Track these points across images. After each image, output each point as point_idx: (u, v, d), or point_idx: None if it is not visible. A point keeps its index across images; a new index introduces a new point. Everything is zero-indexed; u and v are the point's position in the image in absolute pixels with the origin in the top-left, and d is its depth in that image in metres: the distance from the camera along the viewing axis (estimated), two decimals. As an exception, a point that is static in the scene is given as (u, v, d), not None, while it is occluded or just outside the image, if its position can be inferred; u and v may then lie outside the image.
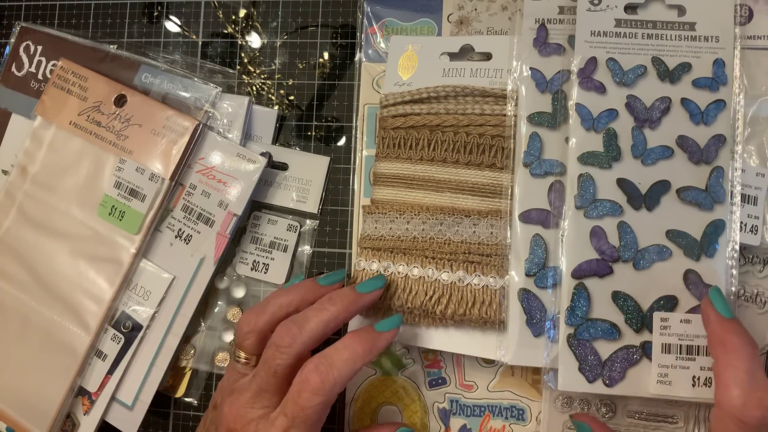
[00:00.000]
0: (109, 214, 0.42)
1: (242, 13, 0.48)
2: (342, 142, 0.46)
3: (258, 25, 0.48)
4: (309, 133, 0.47)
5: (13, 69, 0.48)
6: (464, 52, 0.44)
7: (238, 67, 0.48)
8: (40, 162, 0.45)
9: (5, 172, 0.48)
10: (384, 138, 0.43)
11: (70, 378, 0.42)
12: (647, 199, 0.38)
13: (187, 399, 0.46)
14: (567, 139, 0.40)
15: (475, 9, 0.45)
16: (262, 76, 0.48)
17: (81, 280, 0.43)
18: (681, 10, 0.40)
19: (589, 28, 0.40)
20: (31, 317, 0.43)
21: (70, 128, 0.44)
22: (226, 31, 0.48)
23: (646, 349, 0.37)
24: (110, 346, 0.43)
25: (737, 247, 0.38)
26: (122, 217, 0.42)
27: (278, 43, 0.48)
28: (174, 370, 0.46)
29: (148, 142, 0.43)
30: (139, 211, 0.42)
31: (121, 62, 0.47)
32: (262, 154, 0.44)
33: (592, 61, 0.40)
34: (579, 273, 0.38)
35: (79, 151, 0.44)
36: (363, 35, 0.46)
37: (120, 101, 0.44)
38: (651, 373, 0.37)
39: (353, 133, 0.46)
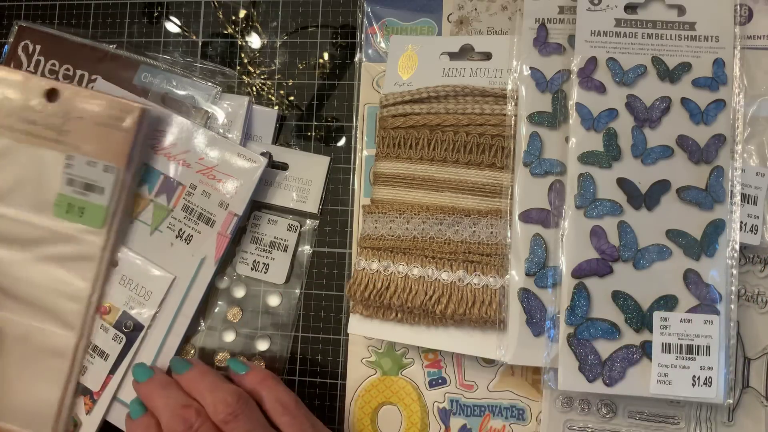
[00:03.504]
0: (67, 212, 0.41)
1: (242, 13, 0.48)
2: (342, 142, 0.46)
3: (258, 25, 0.48)
4: (309, 133, 0.47)
5: (12, 68, 0.48)
6: (464, 52, 0.44)
7: (238, 67, 0.48)
8: None
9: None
10: (384, 138, 0.43)
11: (62, 378, 0.42)
12: (647, 198, 0.38)
13: (187, 399, 0.46)
14: (567, 139, 0.40)
15: (475, 9, 0.45)
16: (262, 76, 0.48)
17: (52, 282, 0.42)
18: (681, 9, 0.40)
19: (589, 28, 0.40)
20: (5, 329, 0.43)
21: (3, 132, 0.42)
22: (226, 31, 0.48)
23: (646, 349, 0.37)
24: (112, 346, 0.43)
25: (737, 247, 0.38)
26: (82, 213, 0.41)
27: (278, 44, 0.48)
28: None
29: (93, 133, 0.41)
30: (100, 203, 0.41)
31: (121, 62, 0.47)
32: (263, 154, 0.44)
33: (592, 61, 0.40)
34: (579, 272, 0.38)
35: (15, 155, 0.42)
36: (363, 35, 0.46)
37: (51, 96, 0.42)
38: (651, 372, 0.37)
39: (353, 133, 0.46)
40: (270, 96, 0.47)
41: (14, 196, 0.42)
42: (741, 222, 0.38)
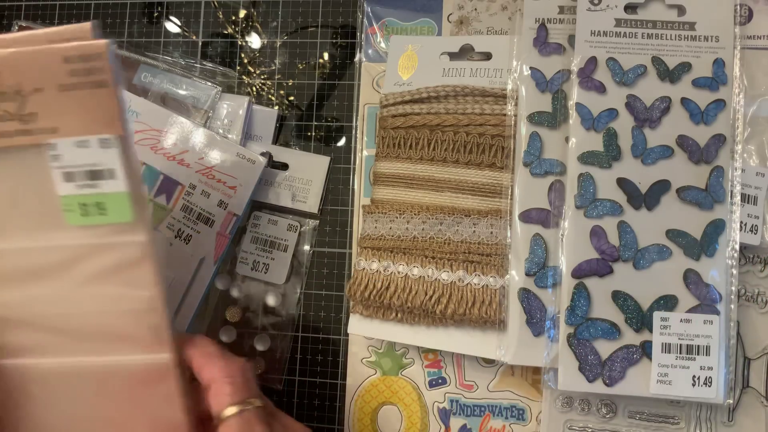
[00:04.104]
0: (83, 215, 0.31)
1: (242, 13, 0.48)
2: (342, 142, 0.46)
3: (258, 26, 0.48)
4: (309, 133, 0.47)
5: (13, 69, 0.48)
6: (464, 52, 0.44)
7: (238, 67, 0.48)
8: None
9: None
10: (384, 138, 0.43)
11: (176, 400, 0.33)
12: (647, 198, 0.38)
13: (186, 399, 0.46)
14: (567, 139, 0.40)
15: (475, 9, 0.45)
16: (262, 77, 0.48)
17: (106, 304, 0.32)
18: (681, 9, 0.40)
19: (589, 28, 0.40)
20: (83, 375, 0.33)
21: None
22: (226, 32, 0.48)
23: (646, 349, 0.37)
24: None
25: (737, 247, 0.38)
26: (103, 209, 0.31)
27: (278, 44, 0.48)
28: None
29: (65, 104, 0.29)
30: (119, 190, 0.30)
31: (121, 62, 0.47)
32: (262, 154, 0.44)
33: (592, 61, 0.40)
34: (579, 272, 0.38)
35: None
36: (363, 35, 0.46)
37: None
38: (651, 372, 0.37)
39: (353, 133, 0.46)
40: (270, 96, 0.47)
41: (17, 221, 0.31)
42: (741, 222, 0.38)
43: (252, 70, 0.48)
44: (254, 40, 0.48)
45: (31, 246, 0.31)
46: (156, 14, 0.49)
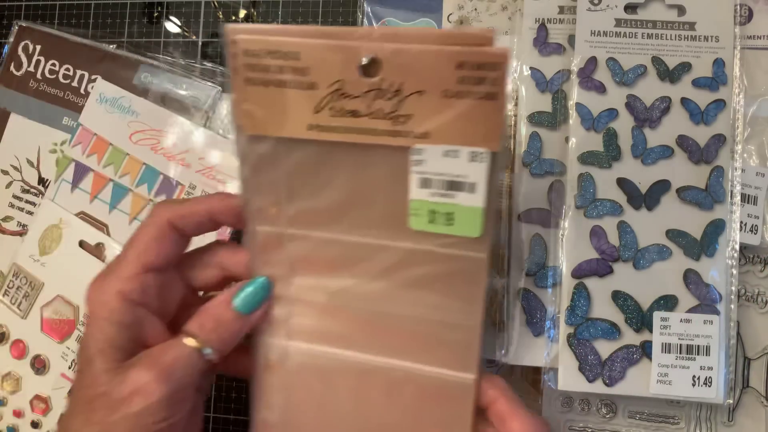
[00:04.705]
0: (430, 222, 0.30)
1: (242, 13, 0.48)
2: (342, 141, 0.46)
3: (258, 25, 0.48)
4: (309, 133, 0.47)
5: (12, 68, 0.48)
6: (464, 52, 0.44)
7: (238, 67, 0.48)
8: (289, 193, 0.31)
9: (4, 173, 0.48)
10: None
11: (466, 428, 0.31)
12: (647, 198, 0.38)
13: (186, 399, 0.46)
14: (567, 139, 0.40)
15: (475, 9, 0.45)
16: (262, 76, 0.48)
17: (425, 311, 0.31)
18: (681, 9, 0.40)
19: (589, 28, 0.40)
20: (376, 374, 0.32)
21: (313, 134, 0.29)
22: (225, 31, 0.48)
23: (646, 349, 0.37)
24: (110, 346, 0.43)
25: (737, 247, 0.38)
26: (451, 220, 0.30)
27: (278, 43, 0.48)
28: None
29: (443, 111, 0.28)
30: (474, 205, 0.29)
31: (121, 62, 0.47)
32: (262, 154, 0.44)
33: (592, 61, 0.40)
34: (579, 272, 0.38)
35: (340, 163, 0.30)
36: (363, 35, 0.46)
37: (370, 69, 0.27)
38: (651, 372, 0.37)
39: (353, 132, 0.46)
40: (270, 96, 0.47)
41: (352, 215, 0.31)
42: (741, 222, 0.38)
43: (252, 70, 0.48)
44: (254, 40, 0.48)
45: (373, 243, 0.31)
46: (156, 14, 0.49)
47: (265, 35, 0.27)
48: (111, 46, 0.47)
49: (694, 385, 0.36)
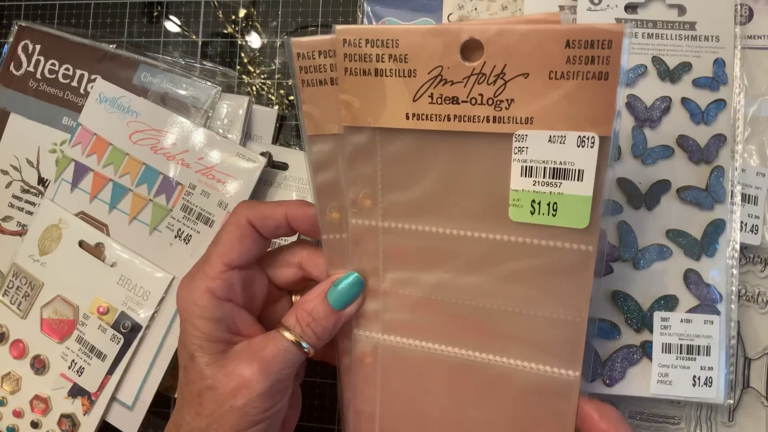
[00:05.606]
0: (533, 213, 0.28)
1: (242, 13, 0.48)
2: (342, 141, 0.46)
3: (258, 25, 0.48)
4: (309, 133, 0.47)
5: (12, 68, 0.48)
6: (464, 52, 0.44)
7: (238, 67, 0.48)
8: (384, 185, 0.30)
9: (4, 172, 0.48)
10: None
11: (568, 427, 0.30)
12: (647, 198, 0.38)
13: (186, 399, 0.46)
14: (567, 139, 0.40)
15: (475, 9, 0.45)
16: (262, 76, 0.48)
17: (526, 305, 0.30)
18: (681, 9, 0.40)
19: (589, 28, 0.40)
20: (473, 369, 0.31)
21: (411, 123, 0.28)
22: (225, 31, 0.48)
23: (646, 349, 0.37)
24: (109, 347, 0.43)
25: (737, 247, 0.38)
26: (555, 210, 0.28)
27: (278, 43, 0.48)
28: (174, 371, 0.45)
29: (549, 93, 0.26)
30: (582, 194, 0.27)
31: (120, 62, 0.47)
32: (262, 154, 0.44)
33: (592, 61, 0.40)
34: (579, 273, 0.38)
35: (438, 152, 0.29)
36: (363, 35, 0.46)
37: (468, 51, 0.26)
38: (651, 372, 0.37)
39: (353, 132, 0.46)
40: (270, 96, 0.47)
41: (448, 206, 0.30)
42: (741, 222, 0.38)
43: (252, 70, 0.48)
44: (254, 40, 0.48)
45: (470, 235, 0.29)
46: (156, 14, 0.49)
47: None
48: (111, 46, 0.47)
49: (694, 385, 0.36)
